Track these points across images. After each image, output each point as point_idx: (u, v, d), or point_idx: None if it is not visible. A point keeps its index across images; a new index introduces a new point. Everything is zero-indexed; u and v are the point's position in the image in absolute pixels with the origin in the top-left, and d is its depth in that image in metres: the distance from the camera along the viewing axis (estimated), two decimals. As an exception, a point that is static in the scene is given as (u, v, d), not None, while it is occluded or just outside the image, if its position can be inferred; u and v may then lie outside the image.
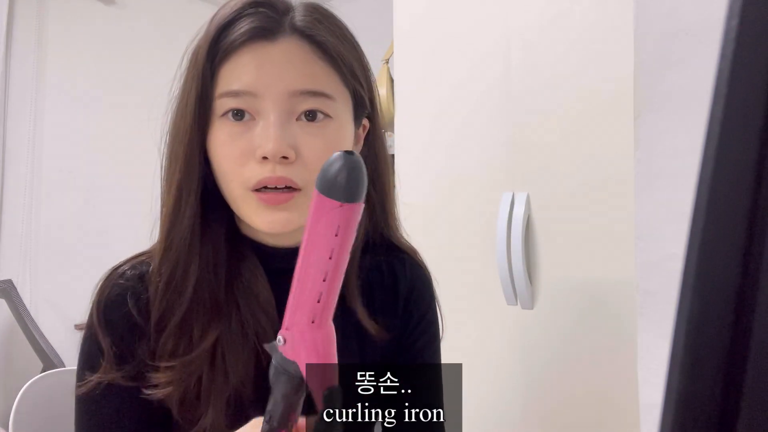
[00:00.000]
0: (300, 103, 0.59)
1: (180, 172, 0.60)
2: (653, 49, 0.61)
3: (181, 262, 0.61)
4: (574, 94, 1.07)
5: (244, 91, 0.58)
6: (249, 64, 0.58)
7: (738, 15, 0.19)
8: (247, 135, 0.58)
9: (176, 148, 0.62)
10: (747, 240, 0.19)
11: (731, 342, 0.20)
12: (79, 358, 0.65)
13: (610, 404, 1.02)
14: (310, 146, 0.59)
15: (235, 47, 0.58)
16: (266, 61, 0.58)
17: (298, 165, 0.58)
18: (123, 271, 0.66)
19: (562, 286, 1.10)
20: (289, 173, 0.58)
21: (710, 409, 0.20)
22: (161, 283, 0.62)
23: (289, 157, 0.57)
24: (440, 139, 1.31)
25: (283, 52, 0.59)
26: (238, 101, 0.58)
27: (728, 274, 0.20)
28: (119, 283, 0.65)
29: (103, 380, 0.61)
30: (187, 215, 0.61)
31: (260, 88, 0.58)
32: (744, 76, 0.19)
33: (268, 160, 0.57)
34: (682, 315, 0.20)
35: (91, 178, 2.50)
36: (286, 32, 0.59)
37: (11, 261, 2.31)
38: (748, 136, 0.19)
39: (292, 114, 0.59)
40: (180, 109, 0.62)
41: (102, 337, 0.62)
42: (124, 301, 0.63)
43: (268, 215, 0.59)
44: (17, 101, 2.34)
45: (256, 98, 0.58)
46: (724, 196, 0.20)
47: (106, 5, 2.56)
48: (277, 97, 0.58)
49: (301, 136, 0.59)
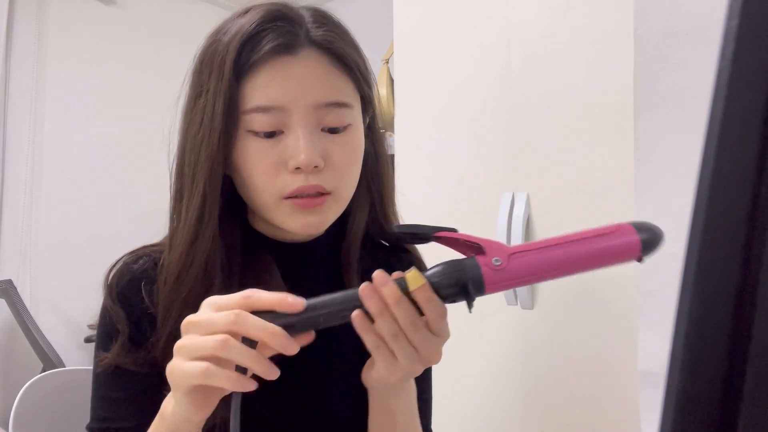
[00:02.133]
0: (325, 115, 0.62)
1: (204, 187, 0.62)
2: (653, 49, 0.61)
3: (201, 278, 0.63)
4: (575, 94, 1.07)
5: (273, 106, 0.60)
6: (275, 79, 0.60)
7: (738, 15, 0.19)
8: (278, 147, 0.61)
9: (198, 162, 0.62)
10: (747, 240, 0.19)
11: (731, 342, 0.20)
12: (95, 342, 0.67)
13: (610, 404, 1.02)
14: (337, 154, 0.63)
15: (259, 62, 0.60)
16: (291, 75, 0.61)
17: (327, 171, 0.62)
18: (135, 259, 0.68)
19: (562, 286, 1.10)
20: (320, 180, 0.61)
21: (710, 409, 0.20)
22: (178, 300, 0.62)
23: (319, 166, 0.61)
24: (440, 139, 1.31)
25: (306, 66, 0.61)
26: (268, 116, 0.60)
27: (728, 274, 0.20)
28: (131, 271, 0.66)
29: (115, 363, 0.64)
30: (209, 229, 0.62)
31: (288, 102, 0.60)
32: (744, 76, 0.19)
33: (301, 170, 0.60)
34: (682, 315, 0.20)
35: (91, 178, 2.50)
36: (305, 46, 0.62)
37: (11, 261, 2.31)
38: (748, 136, 0.19)
39: (318, 125, 0.62)
40: (202, 122, 0.62)
41: (116, 320, 0.64)
42: (137, 288, 0.65)
43: (303, 218, 0.62)
44: (17, 101, 2.34)
45: (285, 112, 0.60)
46: (724, 196, 0.20)
47: (106, 5, 2.56)
48: (305, 110, 0.61)
49: (328, 145, 0.62)
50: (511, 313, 1.16)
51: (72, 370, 1.10)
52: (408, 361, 0.52)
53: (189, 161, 0.64)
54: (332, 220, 0.66)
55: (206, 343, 0.48)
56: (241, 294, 0.51)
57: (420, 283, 0.50)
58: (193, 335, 0.50)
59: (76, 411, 0.96)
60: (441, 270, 0.51)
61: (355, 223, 0.71)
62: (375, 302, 0.50)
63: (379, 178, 0.73)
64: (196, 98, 0.63)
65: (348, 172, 0.64)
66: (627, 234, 0.51)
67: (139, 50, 2.62)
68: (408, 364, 0.53)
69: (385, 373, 0.54)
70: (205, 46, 0.65)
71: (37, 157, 2.38)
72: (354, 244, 0.71)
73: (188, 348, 0.49)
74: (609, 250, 0.51)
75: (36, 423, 0.96)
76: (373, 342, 0.52)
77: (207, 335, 0.49)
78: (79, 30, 2.49)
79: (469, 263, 0.50)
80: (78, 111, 2.48)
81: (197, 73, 0.64)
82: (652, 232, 0.51)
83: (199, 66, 0.64)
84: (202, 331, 0.49)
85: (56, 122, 2.43)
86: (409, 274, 0.51)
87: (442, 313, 0.52)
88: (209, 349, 0.48)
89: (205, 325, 0.49)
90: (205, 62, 0.63)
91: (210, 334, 0.49)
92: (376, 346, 0.52)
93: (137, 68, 2.59)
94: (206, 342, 0.48)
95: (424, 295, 0.50)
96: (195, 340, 0.49)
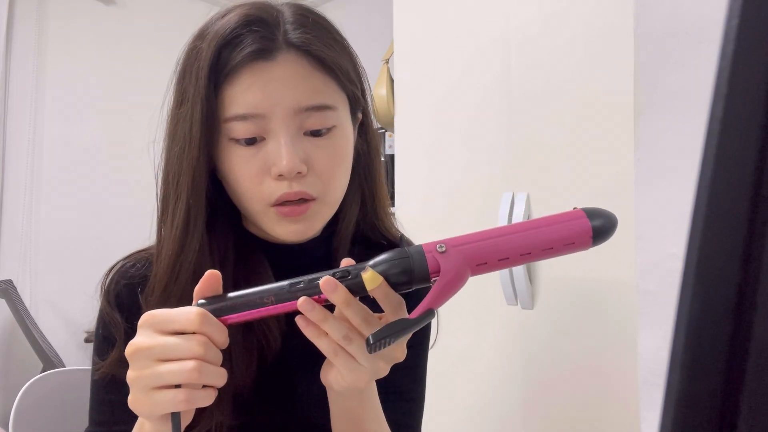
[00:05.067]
0: (306, 118, 0.60)
1: (187, 196, 0.61)
2: (653, 49, 0.61)
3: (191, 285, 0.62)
4: (575, 94, 1.07)
5: (252, 114, 0.59)
6: (253, 85, 0.59)
7: (738, 15, 0.19)
8: (260, 154, 0.60)
9: (181, 171, 0.61)
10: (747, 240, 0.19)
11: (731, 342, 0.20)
12: (93, 346, 0.67)
13: (610, 404, 1.02)
14: (321, 159, 0.61)
15: (237, 69, 0.59)
16: (269, 80, 0.59)
17: (311, 177, 0.61)
18: (131, 263, 0.67)
19: (562, 286, 1.10)
20: (304, 186, 0.60)
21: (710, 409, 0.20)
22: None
23: (302, 172, 0.59)
24: (440, 139, 1.31)
25: (284, 70, 0.59)
26: (248, 123, 0.59)
27: (728, 274, 0.20)
28: (128, 275, 0.66)
29: (112, 372, 0.63)
30: (195, 238, 0.61)
31: (267, 108, 0.59)
32: (744, 76, 0.19)
33: (284, 177, 0.59)
34: (682, 315, 0.20)
35: (91, 178, 2.50)
36: (283, 49, 0.60)
37: (11, 261, 2.31)
38: (748, 136, 0.19)
39: (299, 129, 0.60)
40: (183, 132, 0.61)
41: (113, 327, 0.64)
42: (134, 292, 0.65)
43: (288, 226, 0.62)
44: (17, 101, 2.34)
45: (264, 119, 0.59)
46: (724, 196, 0.20)
47: (106, 5, 2.56)
48: (285, 115, 0.59)
49: (311, 149, 0.61)
50: (511, 313, 1.16)
51: (72, 370, 1.09)
52: (369, 362, 0.51)
53: (172, 170, 0.62)
54: (321, 226, 0.65)
55: (175, 374, 0.47)
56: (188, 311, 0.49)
57: (378, 282, 0.49)
58: (147, 362, 0.48)
59: (76, 411, 0.96)
60: (389, 260, 0.50)
61: (344, 221, 0.70)
62: (316, 313, 0.49)
63: (371, 176, 0.72)
64: (179, 105, 0.63)
65: (333, 175, 0.63)
66: (578, 219, 0.49)
67: (139, 50, 2.62)
68: (370, 365, 0.51)
69: (351, 378, 0.52)
70: (187, 51, 0.63)
71: (37, 157, 2.38)
72: (343, 242, 0.71)
73: (151, 378, 0.48)
74: (558, 236, 0.49)
75: (36, 423, 0.96)
76: (329, 347, 0.50)
77: (167, 361, 0.47)
78: (78, 29, 2.49)
79: (414, 250, 0.50)
80: (78, 111, 2.48)
81: (180, 80, 0.63)
82: (605, 218, 0.50)
83: (182, 72, 0.63)
84: (159, 357, 0.48)
85: (56, 122, 2.43)
86: (366, 274, 0.49)
87: (399, 305, 0.50)
88: (182, 379, 0.47)
89: (159, 352, 0.48)
90: (186, 69, 0.62)
91: (171, 360, 0.47)
92: (335, 351, 0.50)
93: (137, 68, 2.59)
94: (175, 372, 0.47)
95: (382, 292, 0.49)
96: (157, 370, 0.47)
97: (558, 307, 1.10)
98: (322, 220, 0.65)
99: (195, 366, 0.47)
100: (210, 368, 0.48)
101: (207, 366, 0.48)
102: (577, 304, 1.08)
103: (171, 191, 0.63)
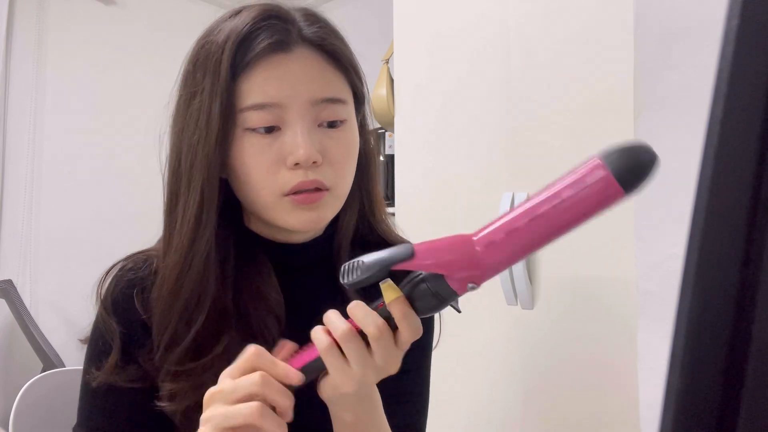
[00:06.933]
0: (321, 110, 0.62)
1: (202, 188, 0.61)
2: (653, 49, 0.61)
3: (199, 280, 0.62)
4: (575, 94, 1.07)
5: (270, 103, 0.60)
6: (270, 76, 0.61)
7: (738, 15, 0.19)
8: (276, 145, 0.61)
9: (195, 163, 0.62)
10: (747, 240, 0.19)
11: (731, 342, 0.20)
12: (86, 352, 0.66)
13: (610, 404, 1.02)
14: (334, 150, 0.63)
15: (254, 61, 0.61)
16: (286, 72, 0.61)
17: (326, 167, 0.62)
18: (127, 268, 0.67)
19: (562, 286, 1.10)
20: (319, 175, 0.61)
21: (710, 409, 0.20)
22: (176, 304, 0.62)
23: (317, 161, 0.61)
24: (440, 139, 1.31)
25: (300, 63, 0.62)
26: (265, 113, 0.60)
27: (728, 274, 0.20)
28: (125, 280, 0.66)
29: (108, 382, 0.62)
30: (208, 232, 0.62)
31: (284, 98, 0.60)
32: (744, 76, 0.19)
33: (300, 166, 0.60)
34: (682, 315, 0.20)
35: (91, 178, 2.50)
36: (299, 43, 0.62)
37: (11, 261, 2.31)
38: (748, 136, 0.19)
39: (315, 121, 0.62)
40: (198, 123, 0.61)
41: (109, 334, 0.64)
42: (130, 295, 0.64)
43: (302, 215, 0.62)
44: (17, 101, 2.34)
45: (281, 108, 0.60)
46: (724, 196, 0.20)
47: (106, 5, 2.56)
48: (301, 106, 0.61)
49: (325, 140, 0.62)
50: (511, 313, 1.16)
51: (72, 370, 1.09)
52: (359, 367, 0.50)
53: (185, 163, 0.63)
54: (330, 217, 0.66)
55: (238, 413, 0.49)
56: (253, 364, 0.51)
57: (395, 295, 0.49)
58: (219, 405, 0.50)
59: (76, 411, 0.96)
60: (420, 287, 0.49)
61: (345, 221, 0.71)
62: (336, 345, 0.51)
63: (368, 176, 0.73)
64: (190, 100, 0.63)
65: (345, 167, 0.64)
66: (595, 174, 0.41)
67: (139, 50, 2.62)
68: (360, 370, 0.51)
69: (338, 379, 0.52)
70: (197, 48, 0.64)
71: (37, 156, 2.38)
72: (344, 242, 0.71)
73: (219, 418, 0.50)
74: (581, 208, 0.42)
75: (36, 423, 0.96)
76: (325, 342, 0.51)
77: (234, 403, 0.49)
78: (79, 30, 2.49)
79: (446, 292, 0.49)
80: (78, 110, 2.48)
81: (190, 75, 0.64)
82: (628, 156, 0.41)
83: (192, 68, 0.64)
84: (229, 400, 0.50)
85: (56, 122, 2.43)
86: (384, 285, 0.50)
87: (416, 330, 0.50)
88: (241, 420, 0.49)
89: (228, 392, 0.50)
90: (199, 64, 0.63)
91: (237, 402, 0.49)
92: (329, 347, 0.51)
93: (137, 68, 2.59)
94: (238, 411, 0.49)
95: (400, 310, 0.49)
96: (224, 410, 0.49)
97: (558, 307, 1.10)
98: (332, 212, 0.65)
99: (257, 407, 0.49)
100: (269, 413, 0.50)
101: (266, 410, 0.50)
102: (577, 304, 1.08)
103: (183, 184, 0.63)
